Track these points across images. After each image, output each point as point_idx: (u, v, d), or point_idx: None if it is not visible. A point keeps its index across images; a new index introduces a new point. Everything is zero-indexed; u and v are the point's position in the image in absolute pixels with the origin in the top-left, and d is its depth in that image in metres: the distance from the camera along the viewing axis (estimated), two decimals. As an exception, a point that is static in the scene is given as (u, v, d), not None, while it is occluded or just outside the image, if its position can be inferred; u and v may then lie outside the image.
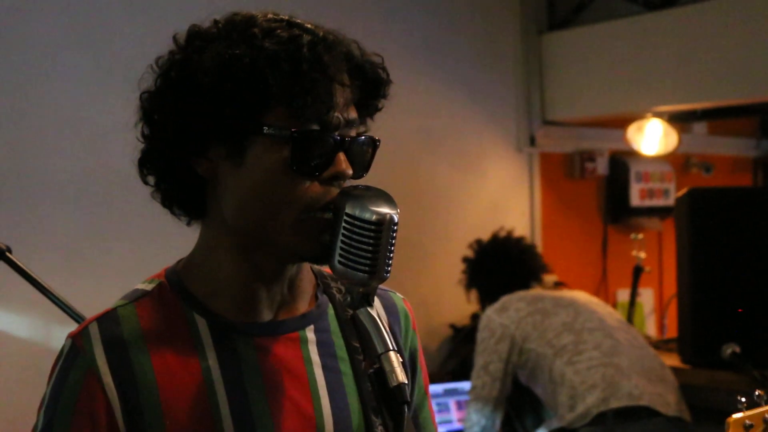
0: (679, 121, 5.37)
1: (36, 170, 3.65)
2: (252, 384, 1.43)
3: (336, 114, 1.39)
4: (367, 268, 1.34)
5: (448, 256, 4.54)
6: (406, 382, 1.31)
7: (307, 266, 1.53)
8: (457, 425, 4.34)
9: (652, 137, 5.26)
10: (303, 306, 1.52)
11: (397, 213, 1.35)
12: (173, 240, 1.65)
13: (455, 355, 4.80)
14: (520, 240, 4.38)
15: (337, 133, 1.40)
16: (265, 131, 1.36)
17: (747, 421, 1.79)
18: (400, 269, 4.64)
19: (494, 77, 5.19)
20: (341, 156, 1.40)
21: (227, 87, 1.35)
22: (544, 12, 5.36)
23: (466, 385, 3.97)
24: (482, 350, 3.88)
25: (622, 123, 5.36)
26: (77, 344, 1.41)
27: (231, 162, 1.40)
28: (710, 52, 4.65)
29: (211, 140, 1.40)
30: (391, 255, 1.36)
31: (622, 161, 5.69)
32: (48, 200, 3.66)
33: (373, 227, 1.33)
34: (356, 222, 1.34)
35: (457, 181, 5.02)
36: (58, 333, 3.49)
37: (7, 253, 2.34)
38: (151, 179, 1.48)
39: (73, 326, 2.30)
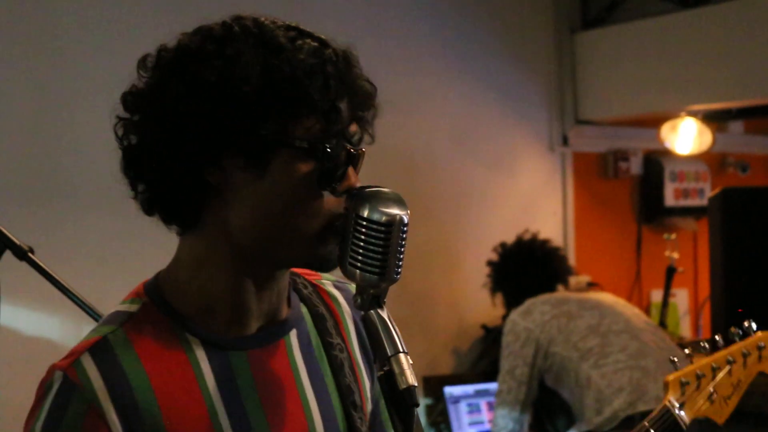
0: (714, 120, 5.32)
1: (63, 172, 3.68)
2: (249, 399, 1.42)
3: (353, 129, 1.39)
4: (377, 270, 1.33)
5: (480, 256, 4.52)
6: (416, 384, 1.30)
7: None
8: (488, 426, 4.33)
9: (686, 136, 5.22)
10: (284, 309, 1.50)
11: (407, 214, 1.34)
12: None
13: (486, 356, 4.79)
14: (544, 243, 4.37)
15: (351, 148, 1.39)
16: (296, 144, 1.33)
17: (683, 379, 1.92)
18: (432, 270, 4.69)
19: (527, 76, 5.17)
20: (351, 170, 1.39)
21: (267, 97, 1.32)
22: (578, 10, 5.34)
23: (496, 386, 3.95)
24: (507, 354, 3.86)
25: (655, 122, 5.32)
26: (72, 378, 1.33)
27: (250, 173, 1.35)
28: (745, 49, 4.62)
29: (230, 149, 1.34)
30: (402, 256, 1.35)
31: (657, 160, 5.64)
32: (75, 202, 3.69)
33: (383, 228, 1.33)
34: (366, 223, 1.33)
35: (490, 181, 5.00)
36: (80, 333, 3.52)
37: (30, 254, 2.34)
38: (139, 184, 1.42)
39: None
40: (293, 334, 1.50)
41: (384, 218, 1.33)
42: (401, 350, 1.32)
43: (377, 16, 4.60)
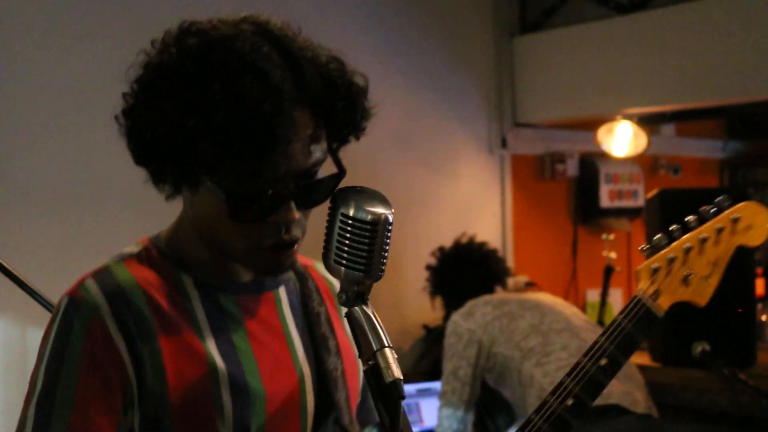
0: (648, 123, 5.43)
1: (16, 175, 3.63)
2: (237, 336, 1.52)
3: (285, 175, 1.42)
4: (362, 267, 1.37)
5: (422, 257, 4.56)
6: (402, 377, 1.33)
7: None
8: (425, 425, 4.37)
9: (622, 139, 5.32)
10: None
11: (392, 213, 1.38)
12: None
13: (428, 355, 4.83)
14: (481, 245, 4.41)
15: (287, 186, 1.43)
16: (213, 181, 1.41)
17: (653, 266, 1.81)
18: (373, 270, 4.70)
19: (466, 79, 5.22)
20: (290, 205, 1.44)
21: (201, 135, 1.37)
22: (516, 15, 5.40)
23: (438, 385, 3.99)
24: (450, 355, 3.89)
25: (592, 125, 5.41)
26: (77, 297, 1.45)
27: (187, 186, 1.47)
28: (679, 55, 4.71)
29: (173, 162, 1.43)
30: (386, 254, 1.39)
31: (592, 163, 5.73)
32: (29, 206, 3.64)
33: (368, 227, 1.36)
34: (352, 222, 1.37)
35: (429, 182, 5.04)
36: (33, 333, 3.49)
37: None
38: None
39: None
40: (282, 290, 1.62)
41: (370, 217, 1.37)
42: (386, 345, 1.35)
43: (315, 18, 4.61)
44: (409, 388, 4.48)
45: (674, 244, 1.83)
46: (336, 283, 1.65)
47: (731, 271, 4.19)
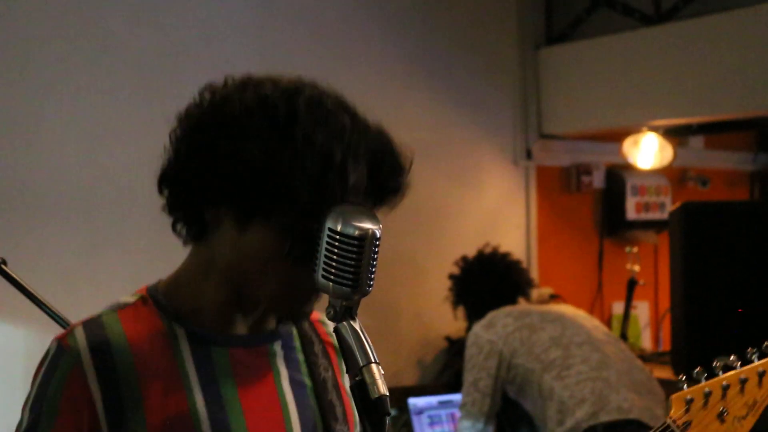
0: (675, 135, 5.39)
1: (35, 182, 3.67)
2: (226, 390, 1.51)
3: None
4: (350, 282, 1.37)
5: (445, 269, 4.55)
6: (388, 394, 1.33)
7: None
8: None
9: (647, 151, 5.29)
10: (272, 323, 1.60)
11: (380, 228, 1.38)
12: (172, 254, 1.68)
13: (450, 368, 4.82)
14: (505, 255, 4.40)
15: None
16: (272, 219, 1.43)
17: (688, 396, 1.82)
18: (396, 282, 4.71)
19: (491, 91, 5.22)
20: None
21: (262, 176, 1.41)
22: (542, 26, 5.39)
23: (460, 398, 3.98)
24: (471, 367, 3.89)
25: (618, 137, 5.38)
26: (63, 345, 1.49)
27: (235, 226, 1.47)
28: (706, 66, 4.68)
29: (226, 201, 1.47)
30: (374, 269, 1.39)
31: (618, 175, 5.70)
32: (46, 213, 3.68)
33: (355, 242, 1.36)
34: (339, 237, 1.37)
35: (454, 194, 5.04)
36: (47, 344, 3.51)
37: (2, 266, 2.36)
38: (165, 195, 1.55)
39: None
40: (278, 344, 1.59)
41: (357, 232, 1.36)
42: (373, 360, 1.36)
43: (344, 31, 4.63)
44: (430, 400, 4.47)
45: (712, 380, 1.84)
46: None
47: (759, 286, 4.17)
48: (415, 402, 4.46)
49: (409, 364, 4.81)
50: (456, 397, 4.32)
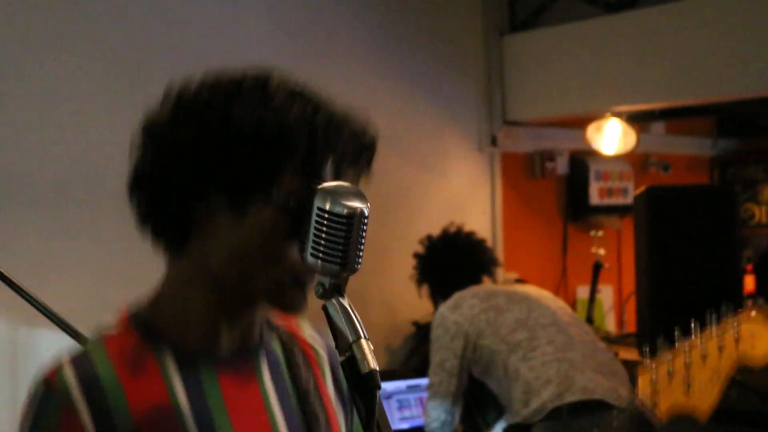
0: (637, 121, 5.45)
1: (3, 167, 3.64)
2: (217, 414, 1.50)
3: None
4: (339, 260, 1.38)
5: (411, 255, 4.57)
6: (377, 368, 1.34)
7: None
8: (419, 421, 4.39)
9: (611, 137, 5.34)
10: (256, 332, 1.58)
11: (368, 207, 1.39)
12: (145, 244, 1.69)
13: (418, 352, 4.84)
14: (469, 234, 4.40)
15: None
16: (273, 195, 1.41)
17: (652, 375, 1.88)
18: (363, 269, 4.67)
19: (456, 78, 5.25)
20: None
21: (254, 150, 1.40)
22: (506, 13, 5.43)
23: (428, 379, 4.01)
24: (438, 348, 3.90)
25: (581, 123, 5.44)
26: (52, 385, 1.45)
27: (231, 213, 1.44)
28: (668, 53, 4.74)
29: (217, 188, 1.43)
30: (362, 247, 1.40)
31: (582, 160, 5.76)
32: (18, 202, 3.66)
33: (344, 220, 1.37)
34: (328, 216, 1.38)
35: (420, 180, 5.06)
36: (35, 335, 3.50)
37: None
38: (138, 203, 1.50)
39: (47, 326, 2.33)
40: (263, 358, 1.58)
41: (345, 211, 1.37)
42: (363, 336, 1.37)
43: (309, 20, 4.64)
44: (399, 385, 4.50)
45: (674, 353, 1.90)
46: (321, 348, 1.66)
47: (721, 267, 4.25)
48: (383, 386, 4.47)
49: (378, 349, 4.75)
50: (424, 381, 4.35)
